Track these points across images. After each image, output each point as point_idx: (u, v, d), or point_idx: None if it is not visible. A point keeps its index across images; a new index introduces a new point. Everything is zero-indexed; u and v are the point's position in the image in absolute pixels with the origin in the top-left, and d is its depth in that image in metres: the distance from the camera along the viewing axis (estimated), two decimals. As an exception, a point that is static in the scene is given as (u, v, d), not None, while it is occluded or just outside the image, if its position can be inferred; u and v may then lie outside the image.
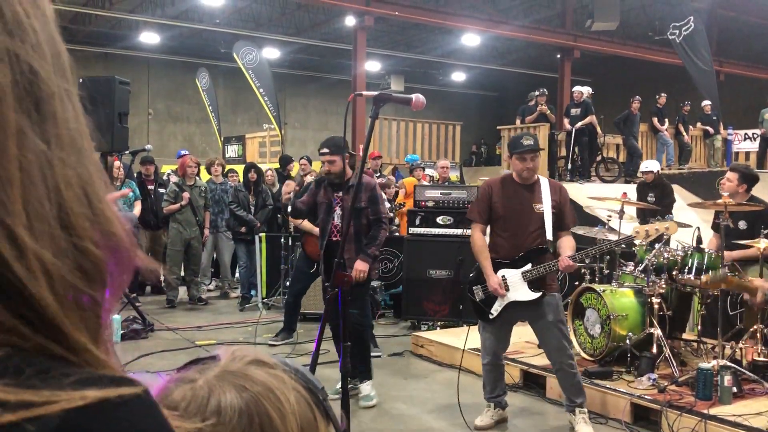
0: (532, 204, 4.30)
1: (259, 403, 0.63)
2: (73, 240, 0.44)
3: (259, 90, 14.92)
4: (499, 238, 4.40)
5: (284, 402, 0.64)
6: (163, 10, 18.90)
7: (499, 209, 4.36)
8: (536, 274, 4.23)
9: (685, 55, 15.51)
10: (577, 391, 4.35)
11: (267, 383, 0.65)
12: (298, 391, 0.67)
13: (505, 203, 4.34)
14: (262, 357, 0.69)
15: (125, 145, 5.73)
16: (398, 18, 16.10)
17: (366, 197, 4.92)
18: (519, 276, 4.27)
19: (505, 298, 4.29)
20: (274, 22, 21.19)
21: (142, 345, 6.44)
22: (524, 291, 4.27)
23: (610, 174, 12.89)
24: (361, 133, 14.26)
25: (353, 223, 4.76)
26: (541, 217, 4.28)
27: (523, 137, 4.34)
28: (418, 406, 4.93)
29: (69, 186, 0.45)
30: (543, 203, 4.29)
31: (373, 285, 8.00)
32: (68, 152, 0.46)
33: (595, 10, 16.67)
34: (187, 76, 21.03)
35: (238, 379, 0.65)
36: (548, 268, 4.23)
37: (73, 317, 0.44)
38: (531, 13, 20.07)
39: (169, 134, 23.73)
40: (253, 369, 0.66)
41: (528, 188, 4.35)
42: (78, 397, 0.42)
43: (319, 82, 25.98)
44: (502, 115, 25.21)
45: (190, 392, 0.64)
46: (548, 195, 4.31)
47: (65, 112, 0.47)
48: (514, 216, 4.33)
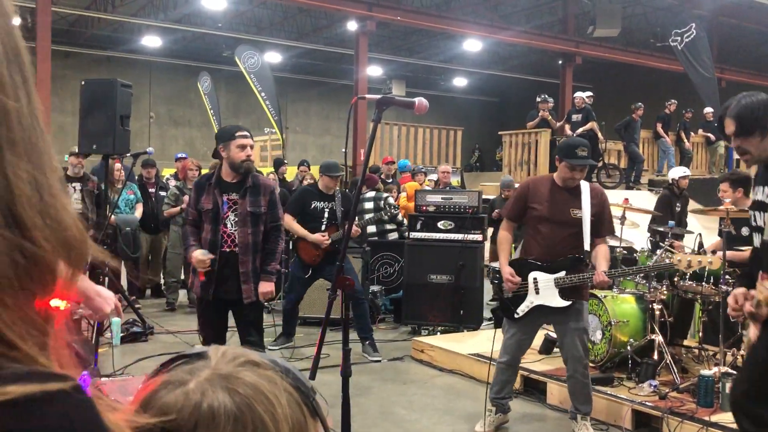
0: (570, 209, 4.19)
1: (252, 407, 0.63)
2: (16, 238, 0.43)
3: (260, 94, 14.93)
4: (533, 239, 4.32)
5: (276, 406, 0.64)
6: (165, 14, 18.93)
7: (535, 210, 4.25)
8: (569, 283, 4.15)
9: (686, 61, 15.53)
10: (585, 401, 4.31)
11: (259, 386, 0.65)
12: (288, 392, 0.67)
13: (543, 205, 4.22)
14: (253, 357, 0.69)
15: (126, 148, 5.72)
16: (400, 23, 16.13)
17: (266, 201, 4.33)
18: (552, 281, 4.19)
19: (534, 300, 4.24)
20: (276, 26, 21.23)
21: (142, 348, 6.43)
22: (554, 297, 4.19)
23: (612, 180, 12.90)
24: (363, 138, 14.27)
25: (252, 231, 4.24)
26: (578, 224, 4.17)
27: (579, 147, 4.19)
28: (418, 412, 4.91)
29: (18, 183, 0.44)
30: (582, 209, 4.17)
31: (374, 289, 7.99)
32: (19, 150, 0.45)
33: (596, 16, 16.70)
34: (189, 80, 21.07)
35: (230, 383, 0.65)
36: (582, 279, 4.15)
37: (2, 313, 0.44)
38: (533, 18, 20.09)
39: (170, 138, 23.75)
40: (245, 371, 0.66)
41: (569, 192, 4.23)
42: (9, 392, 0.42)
43: (320, 87, 26.00)
44: (504, 120, 25.24)
45: (182, 397, 0.63)
46: (588, 201, 4.19)
47: (19, 111, 0.45)
48: (550, 219, 4.21)
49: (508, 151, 14.29)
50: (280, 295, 8.37)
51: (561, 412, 4.84)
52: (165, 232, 8.76)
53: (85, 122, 5.54)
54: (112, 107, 5.37)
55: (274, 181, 9.62)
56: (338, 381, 2.94)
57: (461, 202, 7.40)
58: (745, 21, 18.21)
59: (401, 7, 15.72)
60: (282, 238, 4.44)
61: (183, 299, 8.77)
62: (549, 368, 5.29)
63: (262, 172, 9.89)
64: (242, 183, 4.26)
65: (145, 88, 22.43)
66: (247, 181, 4.27)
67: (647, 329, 5.15)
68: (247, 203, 4.24)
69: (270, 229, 4.33)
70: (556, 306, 4.19)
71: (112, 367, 5.35)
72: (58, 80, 17.67)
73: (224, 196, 4.26)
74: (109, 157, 6.02)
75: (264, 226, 4.30)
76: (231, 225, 4.24)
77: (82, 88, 5.57)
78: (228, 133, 4.32)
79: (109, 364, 5.38)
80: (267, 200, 4.31)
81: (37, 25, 12.33)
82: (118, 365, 5.49)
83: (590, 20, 17.33)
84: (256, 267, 4.27)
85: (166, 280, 8.70)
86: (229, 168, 4.27)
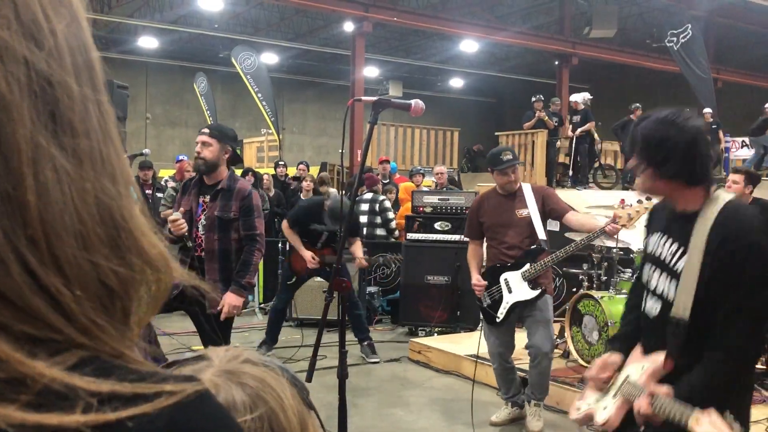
0: (515, 210, 4.50)
1: (264, 398, 0.66)
2: (91, 259, 0.43)
3: (257, 95, 14.93)
4: (492, 248, 4.63)
5: (283, 397, 0.67)
6: (161, 15, 18.92)
7: (486, 222, 4.60)
8: (534, 272, 4.38)
9: (682, 62, 15.56)
10: (543, 389, 4.59)
11: (266, 379, 0.67)
12: (290, 388, 0.69)
13: (491, 215, 4.57)
14: (250, 356, 0.71)
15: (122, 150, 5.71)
16: (397, 24, 16.13)
17: (237, 206, 3.99)
18: (519, 276, 4.44)
19: (509, 299, 4.47)
20: (273, 27, 21.23)
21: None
22: (525, 290, 4.43)
23: (608, 181, 12.91)
24: (360, 139, 14.27)
25: (218, 237, 3.98)
26: (527, 221, 4.45)
27: (502, 152, 4.51)
28: (415, 413, 4.92)
29: (85, 203, 0.43)
30: (528, 207, 4.46)
31: (371, 291, 7.99)
32: (88, 167, 0.44)
33: (593, 17, 16.73)
34: (186, 81, 21.04)
35: (238, 377, 0.67)
36: (545, 264, 4.39)
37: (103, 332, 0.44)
38: (529, 19, 20.12)
39: (167, 139, 23.73)
40: (249, 367, 0.69)
41: (510, 197, 4.55)
42: (179, 390, 0.43)
43: (317, 88, 25.99)
44: (500, 121, 25.29)
45: None
46: (531, 198, 4.48)
47: (86, 123, 0.45)
48: (499, 225, 4.54)
49: (505, 152, 14.28)
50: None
51: (556, 413, 4.85)
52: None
53: (81, 124, 5.53)
54: (108, 109, 5.36)
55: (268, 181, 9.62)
56: (335, 383, 2.94)
57: (458, 203, 7.40)
58: (741, 21, 18.25)
59: (398, 8, 15.72)
60: (258, 249, 4.02)
61: (180, 300, 8.75)
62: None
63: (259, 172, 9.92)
64: (215, 185, 4.03)
65: (142, 89, 22.40)
66: (220, 184, 4.02)
67: (644, 330, 5.15)
68: (216, 207, 4.00)
69: (244, 238, 4.00)
70: (528, 298, 4.42)
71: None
72: (54, 81, 17.58)
73: (200, 198, 4.09)
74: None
75: (238, 234, 4.01)
76: (201, 229, 4.05)
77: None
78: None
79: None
80: (239, 206, 3.99)
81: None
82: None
83: (586, 21, 17.35)
84: (227, 277, 3.97)
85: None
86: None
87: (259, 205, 4.14)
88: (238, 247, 4.02)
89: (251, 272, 4.01)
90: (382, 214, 8.48)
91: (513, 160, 4.49)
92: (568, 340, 5.50)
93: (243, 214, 4.00)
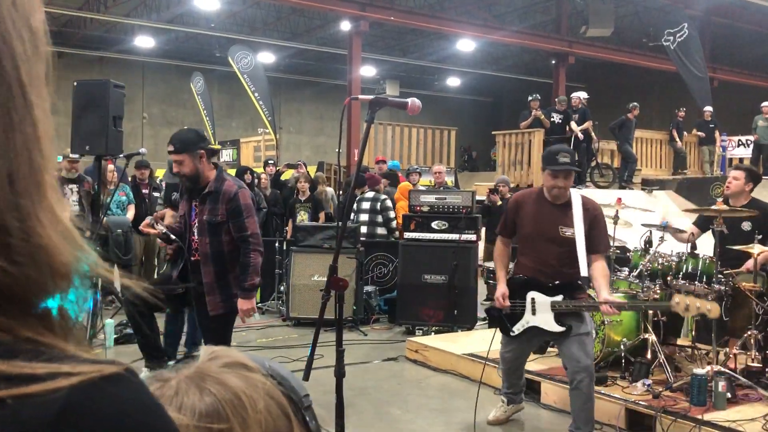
0: (558, 226, 4.00)
1: (221, 408, 0.61)
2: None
3: (254, 94, 14.92)
4: (524, 257, 4.22)
5: (249, 409, 0.62)
6: (158, 14, 18.89)
7: (523, 227, 4.14)
8: (565, 309, 4.01)
9: (679, 61, 15.59)
10: (587, 420, 4.00)
11: (235, 388, 0.63)
12: (272, 397, 0.64)
13: (530, 222, 4.10)
14: (242, 359, 0.67)
15: (119, 149, 5.69)
16: (393, 23, 16.13)
17: (224, 209, 3.96)
18: (548, 304, 4.05)
19: (530, 320, 4.14)
20: (270, 26, 21.21)
21: (136, 350, 6.39)
22: (549, 321, 4.06)
23: (605, 180, 12.93)
24: (357, 138, 14.27)
25: (209, 241, 3.98)
26: (568, 243, 3.98)
27: (560, 153, 4.00)
28: (412, 412, 4.92)
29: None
30: (574, 227, 3.96)
31: (368, 290, 7.99)
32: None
33: (589, 16, 16.74)
34: (182, 80, 21.02)
35: (206, 382, 0.63)
36: (578, 307, 4.00)
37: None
38: (526, 18, 20.14)
39: (163, 138, 23.63)
40: (227, 372, 0.64)
41: (558, 208, 4.04)
42: (78, 371, 0.42)
43: (314, 87, 25.99)
44: (497, 120, 25.29)
45: (158, 392, 0.63)
46: (580, 217, 3.98)
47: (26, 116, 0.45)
48: (539, 237, 4.08)
49: (502, 151, 14.30)
50: (275, 296, 8.35)
51: (556, 412, 4.85)
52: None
53: (78, 123, 5.52)
54: (104, 108, 5.34)
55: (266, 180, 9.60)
56: (332, 382, 2.94)
57: (455, 202, 7.40)
58: (737, 21, 18.29)
59: (394, 7, 15.72)
60: (254, 249, 3.98)
61: (177, 300, 8.74)
62: (543, 368, 5.31)
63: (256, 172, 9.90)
64: (203, 189, 4.02)
65: (138, 88, 22.38)
66: (207, 188, 4.00)
67: (640, 329, 5.17)
68: (205, 211, 4.00)
69: (237, 240, 3.99)
70: (551, 330, 4.08)
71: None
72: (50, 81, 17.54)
73: (192, 202, 4.11)
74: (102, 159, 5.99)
75: (230, 236, 4.00)
76: (196, 233, 4.08)
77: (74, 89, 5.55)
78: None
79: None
80: (225, 209, 3.96)
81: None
82: (111, 367, 5.45)
83: (583, 20, 17.37)
84: (224, 279, 4.01)
85: (160, 281, 8.68)
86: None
87: (249, 204, 4.08)
88: (231, 249, 4.01)
89: (251, 274, 3.99)
90: (383, 213, 8.48)
91: (569, 164, 3.98)
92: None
93: (231, 217, 3.97)
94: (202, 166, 3.98)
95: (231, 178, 4.23)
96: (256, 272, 4.03)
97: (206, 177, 4.01)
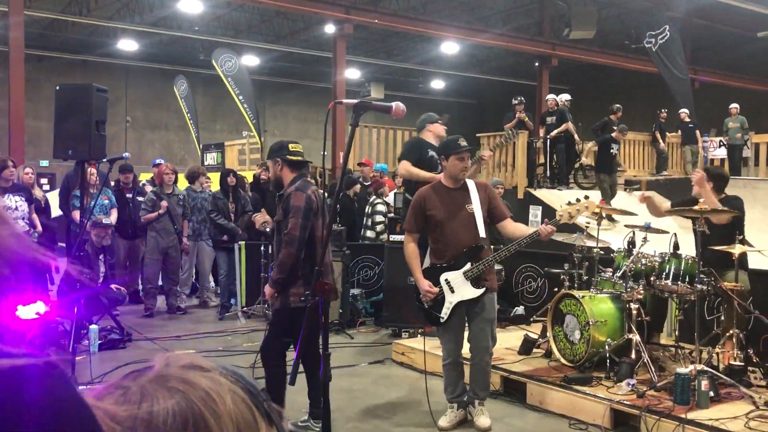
0: (464, 206, 4.47)
1: (193, 404, 0.61)
2: None
3: (238, 97, 14.87)
4: (438, 243, 4.55)
5: (219, 403, 0.62)
6: (141, 17, 18.78)
7: (434, 216, 4.50)
8: (477, 272, 4.39)
9: (660, 63, 15.74)
10: (485, 386, 4.63)
11: (201, 385, 0.63)
12: (235, 392, 0.64)
13: (440, 209, 4.49)
14: (198, 361, 0.67)
15: (102, 153, 5.65)
16: (378, 26, 16.16)
17: (282, 209, 4.33)
18: (461, 276, 4.42)
19: (452, 299, 4.46)
20: (254, 29, 21.16)
21: (120, 355, 6.37)
22: (468, 289, 4.43)
23: (589, 181, 13.00)
24: (341, 141, 14.27)
25: (276, 239, 4.41)
26: (472, 217, 4.45)
27: (459, 138, 4.53)
28: (399, 414, 4.92)
29: None
30: (472, 202, 4.47)
31: (354, 293, 7.99)
32: None
33: (572, 18, 16.87)
34: (166, 84, 20.91)
35: (171, 382, 0.63)
36: (487, 263, 4.40)
37: None
38: (509, 21, 20.24)
39: (147, 142, 23.56)
40: (188, 373, 0.64)
41: (459, 191, 4.52)
42: None
43: (298, 90, 25.96)
44: (482, 122, 25.37)
45: (121, 398, 0.62)
46: (476, 194, 4.49)
47: None
48: (450, 220, 4.47)
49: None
50: (260, 300, 8.32)
51: (541, 413, 4.88)
52: (142, 237, 8.68)
53: (60, 127, 5.48)
54: (87, 112, 5.31)
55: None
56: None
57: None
58: (717, 23, 18.49)
59: (378, 10, 15.75)
60: (291, 247, 4.19)
61: (161, 305, 8.70)
62: (528, 369, 5.33)
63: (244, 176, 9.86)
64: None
65: (122, 92, 22.23)
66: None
67: (624, 329, 5.20)
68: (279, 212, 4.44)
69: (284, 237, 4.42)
70: (472, 297, 4.43)
71: (90, 375, 5.29)
72: (32, 85, 17.45)
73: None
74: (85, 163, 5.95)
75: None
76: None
77: (56, 92, 5.51)
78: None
79: (87, 372, 5.32)
80: (283, 207, 4.38)
81: (9, 29, 12.17)
82: (96, 373, 5.42)
83: (566, 22, 17.49)
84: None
85: (144, 286, 8.63)
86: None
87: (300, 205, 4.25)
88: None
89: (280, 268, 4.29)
90: (372, 217, 8.54)
91: (469, 145, 4.52)
92: (550, 340, 5.53)
93: (285, 215, 4.32)
94: (280, 172, 4.40)
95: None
96: (285, 268, 4.22)
97: (284, 181, 4.43)
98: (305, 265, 4.25)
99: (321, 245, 4.35)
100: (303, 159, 4.49)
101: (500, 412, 4.95)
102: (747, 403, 4.49)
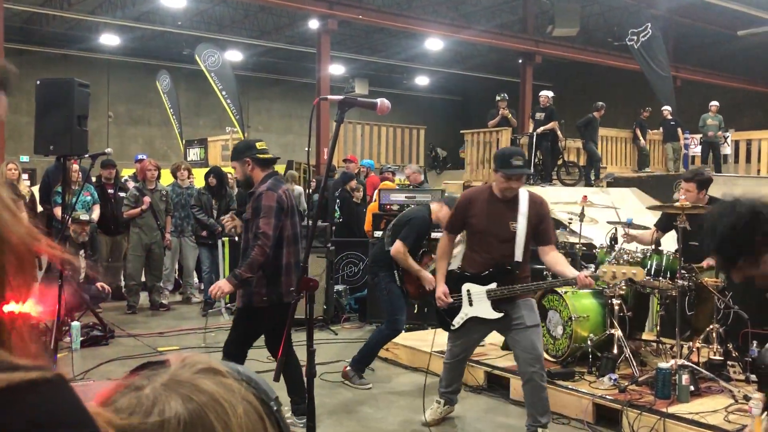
0: (508, 222, 4.14)
1: (204, 414, 0.61)
2: None
3: (221, 93, 14.79)
4: (474, 253, 4.29)
5: (231, 414, 0.62)
6: (123, 12, 18.60)
7: (475, 225, 4.22)
8: (500, 294, 4.14)
9: (643, 60, 15.85)
10: (543, 409, 4.17)
11: (214, 394, 0.63)
12: (248, 401, 0.65)
13: (482, 219, 4.20)
14: (214, 365, 0.67)
15: (84, 149, 5.58)
16: (362, 22, 16.12)
17: (252, 207, 4.24)
18: (484, 293, 4.18)
19: (468, 312, 4.26)
20: (237, 24, 21.03)
21: (103, 352, 6.32)
22: (487, 309, 4.19)
23: (571, 178, 13.08)
24: (326, 137, 14.24)
25: (243, 238, 4.36)
26: (512, 236, 4.13)
27: (514, 156, 4.10)
28: (383, 410, 4.93)
29: None
30: (518, 221, 4.13)
31: (338, 289, 7.99)
32: None
33: (555, 16, 16.94)
34: (149, 79, 20.73)
35: (185, 389, 0.63)
36: (512, 291, 4.13)
37: None
38: (493, 18, 20.28)
39: (129, 137, 23.36)
40: (202, 378, 0.65)
41: (507, 204, 4.17)
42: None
43: (282, 86, 25.86)
44: (466, 118, 25.43)
45: (135, 400, 0.62)
46: (525, 210, 4.14)
47: None
48: (488, 233, 4.19)
49: (470, 150, 14.40)
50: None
51: (524, 408, 4.90)
52: (125, 233, 8.62)
53: (41, 123, 5.41)
54: (69, 107, 5.25)
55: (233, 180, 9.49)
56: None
57: (425, 201, 7.42)
58: (699, 21, 18.65)
59: (363, 6, 15.71)
60: (260, 246, 4.09)
61: (144, 302, 8.65)
62: (512, 364, 5.34)
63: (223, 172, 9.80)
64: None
65: (104, 87, 22.02)
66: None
67: (607, 324, 5.25)
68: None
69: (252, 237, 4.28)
70: (489, 318, 4.19)
71: (72, 372, 5.25)
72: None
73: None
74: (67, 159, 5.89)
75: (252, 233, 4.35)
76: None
77: (37, 87, 5.44)
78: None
79: (69, 368, 5.28)
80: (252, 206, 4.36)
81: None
82: (78, 370, 5.39)
83: (549, 19, 17.56)
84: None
85: (127, 283, 8.57)
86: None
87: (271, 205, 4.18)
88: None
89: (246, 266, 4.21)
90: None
91: (523, 168, 4.12)
92: (534, 335, 5.56)
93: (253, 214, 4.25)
94: (249, 172, 4.33)
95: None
96: (254, 268, 4.13)
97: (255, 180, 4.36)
98: (269, 266, 4.15)
99: (294, 244, 4.32)
100: (272, 156, 4.46)
101: (484, 407, 4.98)
102: (726, 396, 4.55)
